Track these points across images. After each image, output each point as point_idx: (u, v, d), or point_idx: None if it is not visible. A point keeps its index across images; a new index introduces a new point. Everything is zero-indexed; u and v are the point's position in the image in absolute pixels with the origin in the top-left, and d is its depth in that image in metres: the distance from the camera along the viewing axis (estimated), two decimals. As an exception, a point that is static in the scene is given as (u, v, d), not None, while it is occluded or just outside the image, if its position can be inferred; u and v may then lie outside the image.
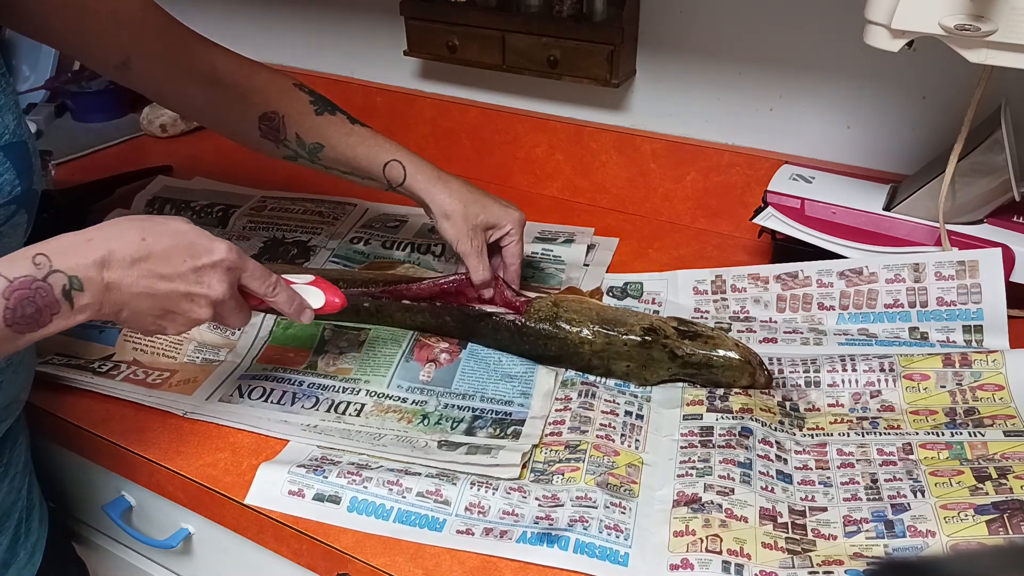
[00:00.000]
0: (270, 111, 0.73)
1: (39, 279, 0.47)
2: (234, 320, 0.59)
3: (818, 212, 0.79)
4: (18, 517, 0.66)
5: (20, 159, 0.53)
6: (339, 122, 0.75)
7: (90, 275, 0.49)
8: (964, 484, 0.57)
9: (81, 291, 0.48)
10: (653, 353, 0.69)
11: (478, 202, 0.74)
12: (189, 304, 0.54)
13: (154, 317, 0.53)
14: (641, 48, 0.92)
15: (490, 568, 0.55)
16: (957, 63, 0.61)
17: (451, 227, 0.73)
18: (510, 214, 0.76)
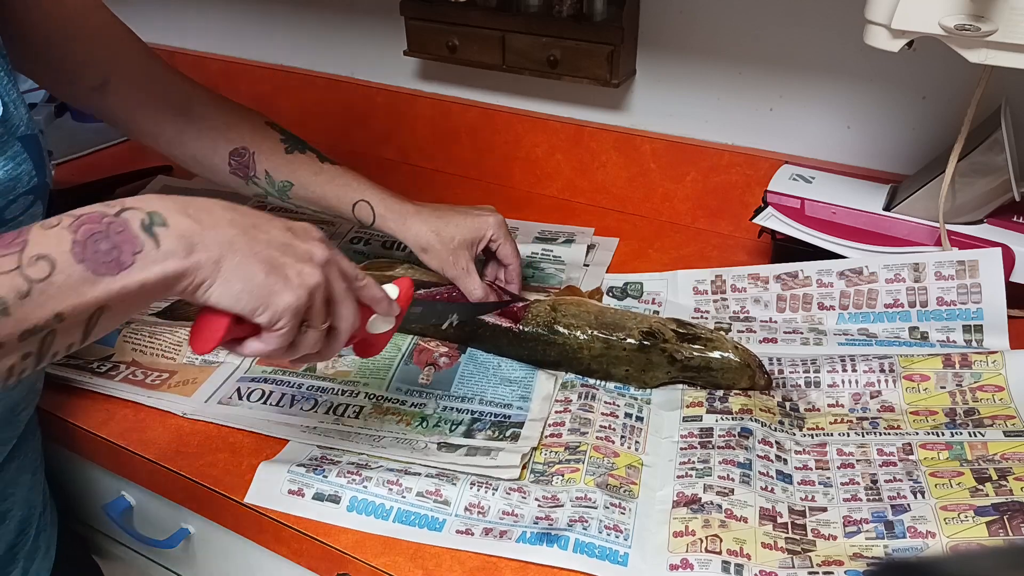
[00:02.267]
0: (241, 146, 0.72)
1: (110, 214, 0.40)
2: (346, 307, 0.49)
3: (818, 212, 0.79)
4: (40, 508, 0.67)
5: (35, 151, 0.53)
6: (309, 161, 0.73)
7: (171, 212, 0.41)
8: (964, 485, 0.57)
9: (164, 226, 0.41)
10: (652, 357, 0.69)
11: (450, 223, 0.73)
12: (294, 260, 0.45)
13: (263, 269, 0.43)
14: (641, 48, 0.92)
15: (490, 568, 0.55)
16: (957, 63, 0.61)
17: (432, 258, 0.73)
18: (484, 221, 0.74)
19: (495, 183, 1.09)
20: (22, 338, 0.36)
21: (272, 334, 0.45)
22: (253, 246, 0.44)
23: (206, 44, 1.27)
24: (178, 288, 0.42)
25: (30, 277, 0.36)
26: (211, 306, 0.44)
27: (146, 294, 0.40)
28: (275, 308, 0.44)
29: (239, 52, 1.24)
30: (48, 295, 0.37)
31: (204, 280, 0.42)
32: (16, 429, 0.61)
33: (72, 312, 0.38)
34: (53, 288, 0.37)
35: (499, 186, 1.08)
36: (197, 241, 0.42)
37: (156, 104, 0.69)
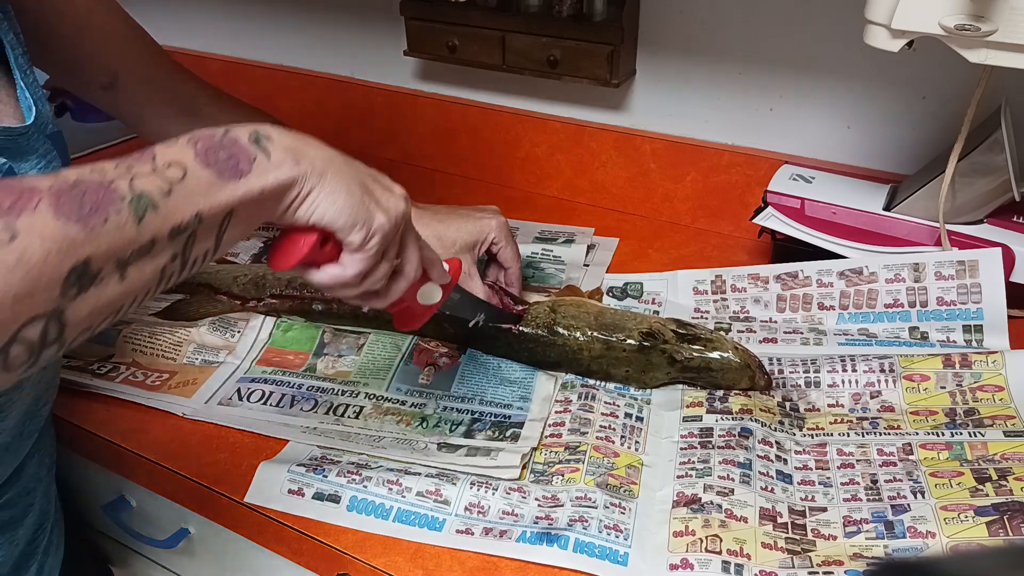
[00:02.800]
0: None
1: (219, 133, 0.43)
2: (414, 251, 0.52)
3: (818, 212, 0.79)
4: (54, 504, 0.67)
5: (62, 148, 0.54)
6: None
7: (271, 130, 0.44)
8: (964, 485, 0.57)
9: (270, 140, 0.43)
10: (652, 358, 0.69)
11: (451, 227, 0.72)
12: (382, 188, 0.49)
13: (360, 188, 0.46)
14: (641, 48, 0.92)
15: (490, 568, 0.56)
16: (957, 63, 0.61)
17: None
18: (486, 224, 0.74)
19: (495, 183, 1.09)
20: (171, 236, 0.38)
21: (357, 255, 0.47)
22: (350, 167, 0.47)
23: (206, 44, 1.27)
24: (288, 198, 0.44)
25: (168, 178, 0.38)
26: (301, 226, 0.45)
27: (264, 202, 0.43)
28: (370, 227, 0.46)
29: (239, 52, 1.24)
30: (186, 195, 0.39)
31: (311, 191, 0.44)
32: (39, 423, 0.62)
33: (208, 213, 0.40)
34: (188, 189, 0.39)
35: (499, 186, 1.08)
36: (301, 154, 0.44)
37: (164, 102, 0.69)
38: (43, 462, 0.65)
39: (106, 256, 0.35)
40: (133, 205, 0.36)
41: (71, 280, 0.34)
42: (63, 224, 0.33)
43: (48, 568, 0.66)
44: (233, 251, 0.93)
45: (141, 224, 0.36)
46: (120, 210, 0.36)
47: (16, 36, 0.53)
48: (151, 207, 0.37)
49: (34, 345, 0.34)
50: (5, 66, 0.52)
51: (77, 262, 0.34)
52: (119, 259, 0.36)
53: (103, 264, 0.35)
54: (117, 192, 0.36)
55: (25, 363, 0.34)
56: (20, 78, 0.52)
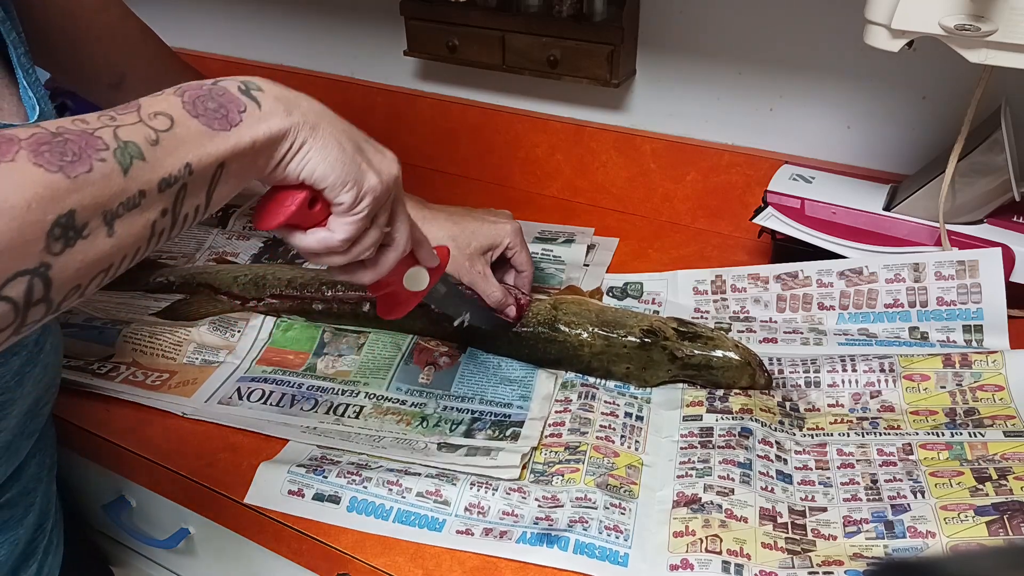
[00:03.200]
0: None
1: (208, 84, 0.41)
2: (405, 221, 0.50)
3: (818, 212, 0.79)
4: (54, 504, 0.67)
5: None
6: None
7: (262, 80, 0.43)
8: (964, 485, 0.57)
9: (261, 91, 0.42)
10: (653, 355, 0.69)
11: (467, 230, 0.72)
12: (374, 149, 0.47)
13: (353, 145, 0.45)
14: (641, 48, 0.92)
15: (490, 568, 0.56)
16: (957, 63, 0.61)
17: (449, 263, 0.72)
18: (502, 229, 0.74)
19: (495, 183, 1.09)
20: (160, 188, 0.37)
21: (346, 218, 0.46)
22: (341, 123, 0.45)
23: (206, 44, 1.27)
24: (280, 151, 0.43)
25: (155, 128, 0.37)
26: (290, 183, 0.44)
27: (256, 153, 0.41)
28: (361, 186, 0.45)
29: (239, 52, 1.24)
30: (175, 144, 0.37)
31: (303, 143, 0.43)
32: (40, 422, 0.62)
33: (198, 164, 0.38)
34: (176, 139, 0.38)
35: (499, 186, 1.08)
36: (293, 105, 0.43)
37: None
38: (44, 462, 0.65)
39: (92, 207, 0.34)
40: (118, 155, 0.35)
41: (55, 233, 0.32)
42: (44, 173, 0.32)
43: (48, 568, 0.66)
44: (233, 251, 0.93)
45: (128, 174, 0.35)
46: (105, 159, 0.34)
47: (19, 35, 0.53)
48: (138, 157, 0.36)
49: (19, 304, 0.32)
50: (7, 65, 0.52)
51: (61, 213, 0.32)
52: (106, 211, 0.34)
53: (89, 216, 0.34)
54: (101, 140, 0.35)
55: (11, 324, 0.33)
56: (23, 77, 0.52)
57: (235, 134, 0.40)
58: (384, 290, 0.57)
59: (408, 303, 0.59)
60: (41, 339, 0.57)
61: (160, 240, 0.39)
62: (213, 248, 0.94)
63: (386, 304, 0.59)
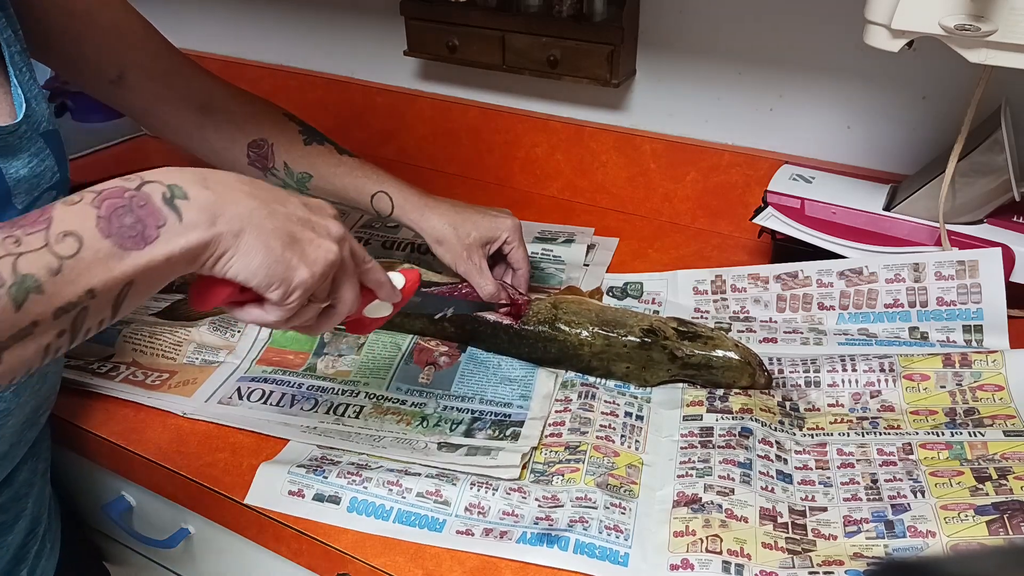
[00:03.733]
0: (259, 138, 0.72)
1: (131, 188, 0.40)
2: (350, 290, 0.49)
3: (818, 212, 0.79)
4: (48, 507, 0.68)
5: (57, 147, 0.54)
6: (327, 152, 0.74)
7: (191, 184, 0.41)
8: (964, 484, 0.57)
9: (186, 199, 0.41)
10: (653, 354, 0.69)
11: (468, 221, 0.73)
12: (313, 234, 0.46)
13: (282, 242, 0.43)
14: (641, 48, 0.92)
15: (490, 568, 0.55)
16: (957, 63, 0.61)
17: (446, 251, 0.73)
18: (502, 223, 0.75)
19: (495, 183, 1.09)
20: (56, 315, 0.36)
21: (277, 307, 0.45)
22: (273, 219, 0.44)
23: (206, 44, 1.27)
24: (200, 260, 0.42)
25: (59, 254, 0.36)
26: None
27: (171, 267, 0.40)
28: (289, 284, 0.44)
29: (239, 52, 1.24)
30: (78, 271, 0.36)
31: (225, 252, 0.42)
32: (36, 430, 0.62)
33: (103, 287, 0.37)
34: (83, 264, 0.37)
35: (499, 186, 1.08)
36: (219, 213, 0.41)
37: (174, 97, 0.69)
38: (37, 467, 0.64)
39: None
40: (13, 291, 0.34)
41: None
42: None
43: (41, 571, 0.66)
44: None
45: (21, 310, 0.34)
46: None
47: (14, 33, 0.53)
48: (35, 291, 0.35)
49: None
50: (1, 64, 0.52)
51: None
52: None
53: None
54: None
55: None
56: (14, 76, 0.52)
57: (148, 252, 0.39)
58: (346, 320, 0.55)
59: (373, 325, 0.58)
60: None
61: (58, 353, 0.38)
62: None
63: (353, 326, 0.58)
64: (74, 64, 0.64)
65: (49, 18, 0.60)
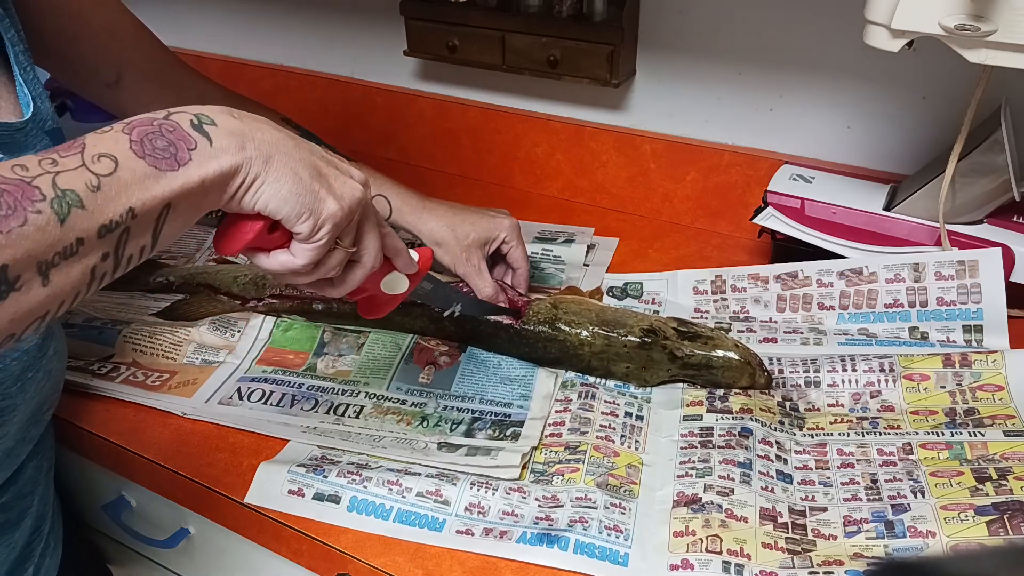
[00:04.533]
0: None
1: (159, 118, 0.40)
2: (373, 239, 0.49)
3: (818, 212, 0.79)
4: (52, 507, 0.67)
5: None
6: None
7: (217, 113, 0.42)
8: (964, 485, 0.57)
9: (214, 125, 0.41)
10: (653, 354, 0.69)
11: (466, 221, 0.73)
12: (338, 172, 0.46)
13: (310, 173, 0.44)
14: (641, 48, 0.92)
15: (490, 568, 0.55)
16: (957, 63, 0.61)
17: (445, 253, 0.73)
18: (500, 223, 0.75)
19: (495, 183, 1.09)
20: (100, 234, 0.36)
21: (306, 245, 0.45)
22: (299, 151, 0.44)
23: (206, 44, 1.27)
24: (231, 187, 0.42)
25: (97, 172, 0.36)
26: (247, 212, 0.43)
27: (205, 192, 0.41)
28: (319, 215, 0.44)
29: (239, 52, 1.24)
30: (117, 189, 0.37)
31: (256, 178, 0.42)
32: (41, 427, 0.62)
33: (142, 208, 0.38)
34: (120, 183, 0.37)
35: (499, 186, 1.08)
36: (247, 139, 0.42)
37: (170, 100, 0.69)
38: (41, 465, 0.65)
39: (25, 260, 0.33)
40: (55, 205, 0.34)
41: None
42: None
43: (45, 571, 0.66)
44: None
45: (65, 224, 0.35)
46: (40, 210, 0.34)
47: (17, 33, 0.53)
48: (76, 205, 0.35)
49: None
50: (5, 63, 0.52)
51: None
52: (40, 262, 0.34)
53: (22, 269, 0.33)
54: (38, 191, 0.34)
55: None
56: (19, 74, 0.52)
57: (183, 174, 0.39)
58: (361, 295, 0.56)
59: (389, 305, 0.58)
60: (44, 344, 0.57)
61: (103, 282, 0.38)
62: (213, 248, 0.94)
63: (366, 306, 0.58)
64: (70, 66, 0.64)
65: (44, 20, 0.60)
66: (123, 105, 0.68)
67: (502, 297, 0.73)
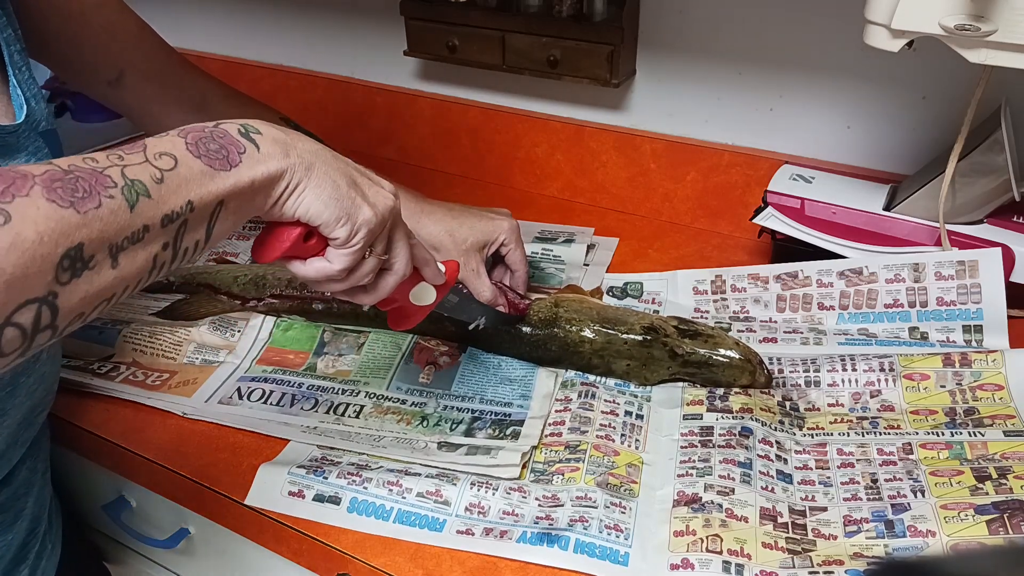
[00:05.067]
0: None
1: (209, 126, 0.44)
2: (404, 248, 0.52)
3: (818, 212, 0.79)
4: (49, 507, 0.67)
5: (56, 146, 0.54)
6: None
7: (261, 125, 0.46)
8: (964, 484, 0.57)
9: (259, 134, 0.45)
10: (653, 352, 0.69)
11: (464, 224, 0.73)
12: (370, 182, 0.50)
13: (346, 182, 0.47)
14: (641, 48, 0.92)
15: (490, 568, 0.55)
16: (957, 63, 0.61)
17: (443, 257, 0.72)
18: (498, 225, 0.74)
19: (495, 183, 1.09)
20: (163, 224, 0.39)
21: (342, 250, 0.47)
22: (336, 161, 0.48)
23: (206, 44, 1.27)
24: (276, 191, 0.45)
25: (160, 167, 0.39)
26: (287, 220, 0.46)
27: (254, 193, 0.44)
28: (355, 221, 0.47)
29: (239, 52, 1.24)
30: (178, 183, 0.39)
31: (299, 183, 0.45)
32: (34, 430, 0.62)
33: (200, 202, 0.40)
34: (180, 178, 0.40)
35: (499, 186, 1.08)
36: (291, 147, 0.45)
37: (171, 98, 0.69)
38: (36, 467, 0.64)
39: (99, 241, 0.35)
40: (126, 192, 0.37)
41: (64, 265, 0.34)
42: (56, 208, 0.34)
43: (41, 573, 0.65)
44: (233, 251, 0.93)
45: (134, 211, 0.37)
46: (113, 196, 0.36)
47: (14, 32, 0.53)
48: (144, 194, 0.37)
49: (27, 330, 0.34)
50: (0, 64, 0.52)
51: (71, 246, 0.34)
52: (112, 245, 0.36)
53: (96, 250, 0.35)
54: (110, 179, 0.37)
55: (18, 348, 0.34)
56: (13, 75, 0.52)
57: (235, 174, 0.42)
58: (391, 306, 0.58)
59: (417, 316, 0.60)
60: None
61: (161, 272, 0.41)
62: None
63: (395, 317, 0.60)
64: (71, 66, 0.64)
65: (45, 20, 0.60)
66: (125, 103, 0.68)
67: (501, 300, 0.73)
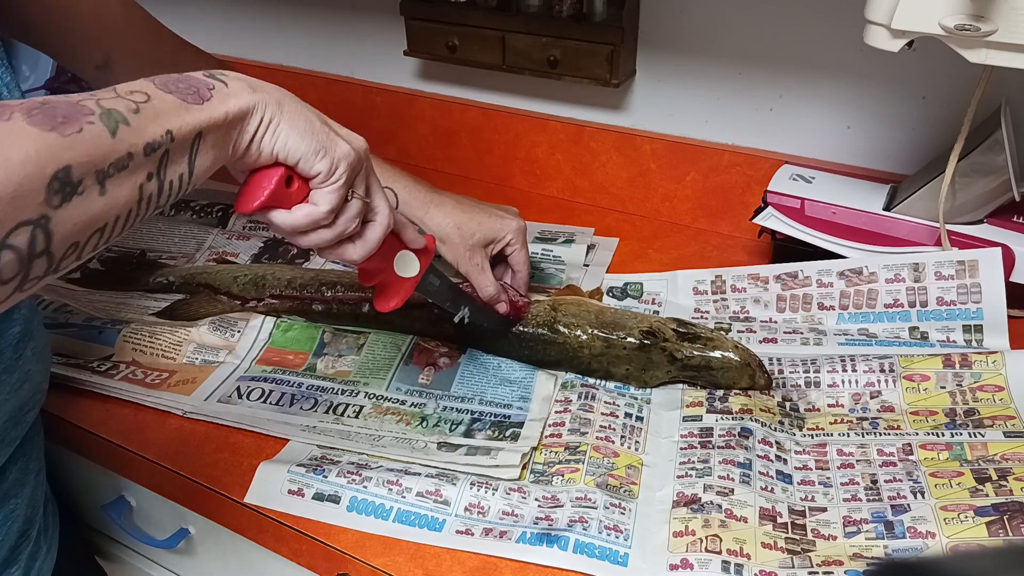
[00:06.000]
0: None
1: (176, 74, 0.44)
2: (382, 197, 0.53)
3: (818, 212, 0.79)
4: (43, 509, 0.67)
5: None
6: None
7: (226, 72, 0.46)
8: (964, 485, 0.57)
9: (225, 75, 0.45)
10: (652, 356, 0.69)
11: (473, 220, 0.73)
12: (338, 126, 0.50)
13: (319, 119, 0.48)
14: (641, 48, 0.92)
15: (490, 568, 0.56)
16: (957, 63, 0.61)
17: (449, 250, 0.73)
18: (507, 224, 0.74)
19: (495, 183, 1.09)
20: (146, 152, 0.39)
21: (326, 187, 0.48)
22: (303, 103, 0.48)
23: (206, 44, 1.26)
24: (251, 127, 0.45)
25: (133, 100, 0.40)
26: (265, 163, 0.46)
27: (229, 127, 0.44)
28: (334, 154, 0.47)
29: (239, 52, 1.24)
30: (154, 113, 0.40)
31: (272, 119, 0.46)
32: (22, 429, 0.61)
33: (178, 132, 0.41)
34: (155, 110, 0.40)
35: (499, 186, 1.08)
36: (256, 86, 0.46)
37: None
38: (28, 467, 0.64)
39: (86, 165, 0.36)
40: (104, 119, 0.37)
41: (54, 187, 0.34)
42: (39, 132, 0.34)
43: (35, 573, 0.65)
44: (233, 251, 0.93)
45: (115, 136, 0.38)
46: (93, 122, 0.37)
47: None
48: (122, 121, 0.38)
49: (23, 253, 0.34)
50: None
51: (58, 168, 0.35)
52: (98, 170, 0.37)
53: (83, 174, 0.36)
54: (87, 107, 0.37)
55: (16, 275, 0.34)
56: None
57: (207, 108, 0.43)
58: (377, 278, 0.58)
59: (402, 292, 0.60)
60: (20, 345, 0.56)
61: (149, 206, 0.41)
62: (213, 248, 0.94)
63: (381, 294, 0.60)
64: (64, 52, 0.65)
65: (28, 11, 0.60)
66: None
67: (504, 297, 0.73)
